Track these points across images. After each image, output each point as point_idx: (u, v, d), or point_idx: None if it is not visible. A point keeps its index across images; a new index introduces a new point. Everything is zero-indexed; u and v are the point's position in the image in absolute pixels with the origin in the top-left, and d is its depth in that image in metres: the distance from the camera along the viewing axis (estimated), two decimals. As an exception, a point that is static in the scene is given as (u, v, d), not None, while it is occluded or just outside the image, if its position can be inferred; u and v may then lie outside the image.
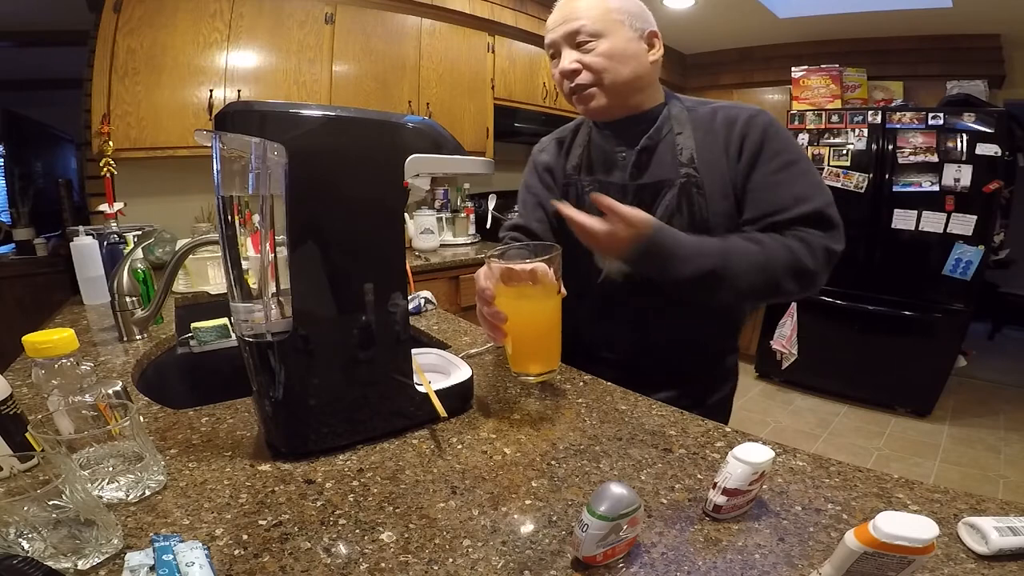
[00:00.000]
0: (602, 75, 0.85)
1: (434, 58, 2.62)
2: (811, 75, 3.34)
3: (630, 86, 0.87)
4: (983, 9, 2.65)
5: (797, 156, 0.84)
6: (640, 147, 0.89)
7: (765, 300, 0.85)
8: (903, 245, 2.77)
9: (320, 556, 0.45)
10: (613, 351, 0.96)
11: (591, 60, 0.85)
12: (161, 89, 1.85)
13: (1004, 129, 2.53)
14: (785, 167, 0.83)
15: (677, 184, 0.86)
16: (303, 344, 0.58)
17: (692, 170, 0.85)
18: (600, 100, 0.87)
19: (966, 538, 0.46)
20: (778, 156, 0.83)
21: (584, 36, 0.84)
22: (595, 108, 0.88)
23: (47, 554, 0.41)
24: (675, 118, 0.89)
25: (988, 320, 4.31)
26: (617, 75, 0.85)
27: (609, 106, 0.88)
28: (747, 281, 0.78)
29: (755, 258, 0.78)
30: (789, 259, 0.78)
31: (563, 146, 1.02)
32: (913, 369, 2.81)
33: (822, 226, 0.81)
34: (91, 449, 0.52)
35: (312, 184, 0.55)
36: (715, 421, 0.70)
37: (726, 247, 0.79)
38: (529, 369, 0.77)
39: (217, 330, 1.14)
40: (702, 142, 0.87)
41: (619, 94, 0.87)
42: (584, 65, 0.85)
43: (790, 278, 0.78)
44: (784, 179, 0.82)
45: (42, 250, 2.23)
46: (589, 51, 0.85)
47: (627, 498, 0.41)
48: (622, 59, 0.85)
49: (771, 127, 0.85)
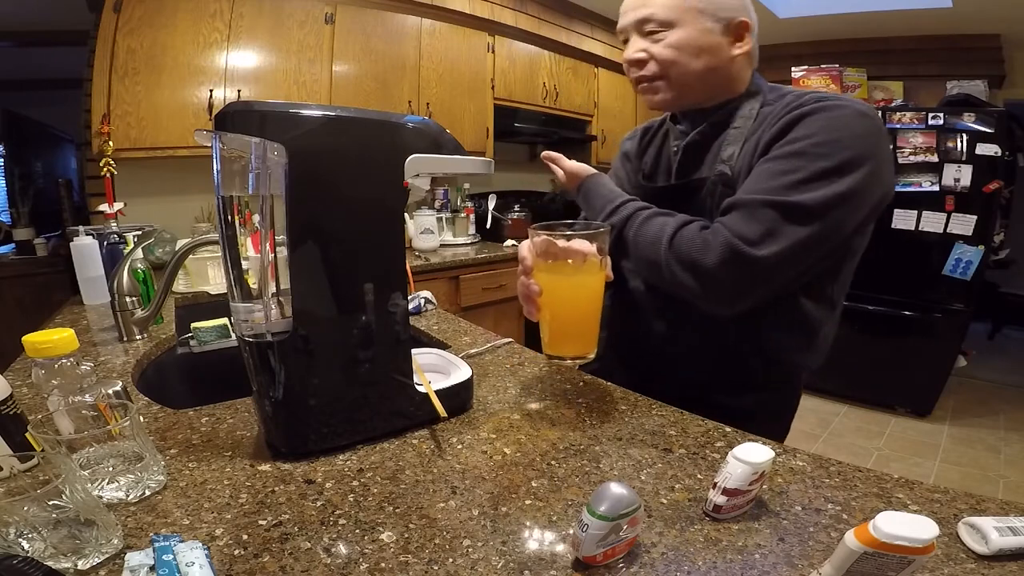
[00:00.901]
0: (669, 68, 0.78)
1: (434, 58, 2.62)
2: (811, 75, 3.34)
3: (703, 80, 0.79)
4: (983, 9, 2.66)
5: (816, 152, 0.66)
6: (687, 143, 0.84)
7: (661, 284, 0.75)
8: (903, 245, 2.77)
9: (320, 556, 0.45)
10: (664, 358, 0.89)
11: (658, 51, 0.78)
12: (161, 89, 1.86)
13: (1004, 129, 2.53)
14: (788, 156, 0.68)
15: (707, 184, 0.80)
16: (303, 344, 0.58)
17: (727, 168, 0.77)
18: (665, 94, 0.81)
19: (966, 538, 0.46)
20: (791, 143, 0.69)
21: (653, 25, 0.77)
22: (659, 101, 0.82)
23: (47, 554, 0.41)
24: (742, 113, 0.80)
25: (988, 320, 4.31)
26: (686, 68, 0.78)
27: (675, 100, 0.82)
28: (640, 253, 0.75)
29: (652, 232, 0.74)
30: (685, 245, 0.70)
31: (647, 136, 0.98)
32: (913, 369, 2.81)
33: (749, 221, 0.66)
34: (91, 449, 0.52)
35: (312, 184, 0.55)
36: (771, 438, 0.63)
37: (639, 214, 0.77)
38: (561, 351, 0.74)
39: (217, 330, 1.14)
40: (751, 137, 0.77)
41: (688, 88, 0.80)
42: (651, 55, 0.79)
43: (681, 267, 0.70)
44: (772, 168, 0.69)
45: (42, 250, 2.23)
46: (658, 41, 0.78)
47: (627, 498, 0.41)
48: (695, 51, 0.77)
49: (819, 113, 0.69)
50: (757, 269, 0.66)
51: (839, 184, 0.65)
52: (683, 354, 0.86)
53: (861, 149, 0.66)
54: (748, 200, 0.68)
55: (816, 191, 0.65)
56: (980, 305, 2.88)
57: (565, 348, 0.74)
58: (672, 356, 0.87)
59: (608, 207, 0.81)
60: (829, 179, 0.65)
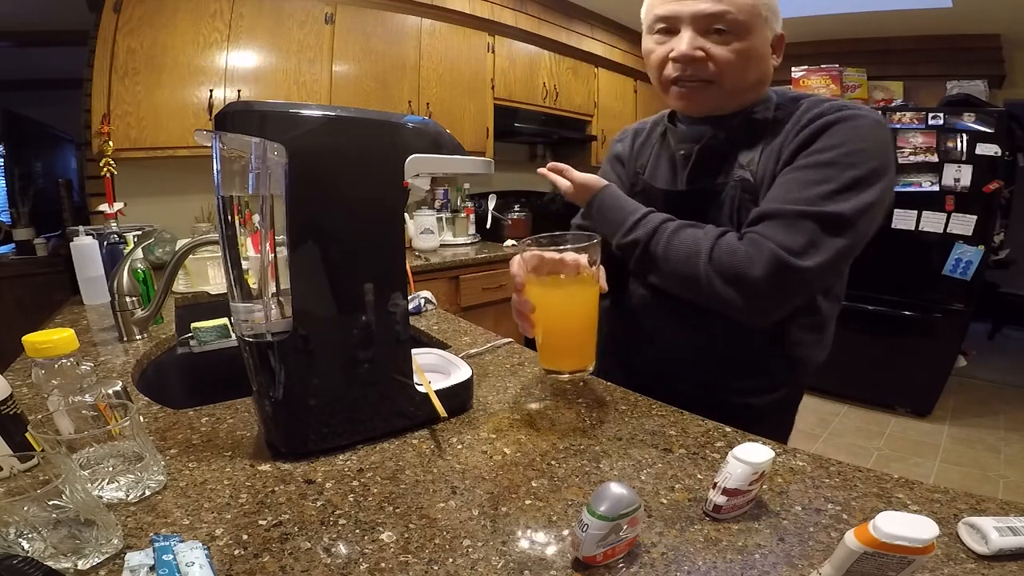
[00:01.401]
0: (727, 74, 0.72)
1: (434, 58, 2.62)
2: (811, 75, 3.34)
3: (748, 90, 0.76)
4: (983, 9, 2.66)
5: (845, 161, 0.66)
6: (702, 146, 0.79)
7: (696, 297, 0.71)
8: (903, 245, 2.77)
9: (320, 556, 0.45)
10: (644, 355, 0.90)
11: (722, 54, 0.70)
12: (161, 89, 1.86)
13: (1004, 129, 2.53)
14: (818, 166, 0.67)
15: (728, 188, 0.76)
16: (303, 344, 0.58)
17: (748, 173, 0.75)
18: (711, 100, 0.75)
19: (966, 538, 0.46)
20: (819, 153, 0.68)
21: (724, 24, 0.69)
22: (698, 105, 0.76)
23: (47, 554, 0.41)
24: (757, 118, 0.77)
25: (988, 320, 4.30)
26: (743, 79, 0.73)
27: (717, 106, 0.76)
28: (673, 267, 0.71)
29: (686, 246, 0.70)
30: (726, 257, 0.67)
31: (639, 139, 0.94)
32: (913, 369, 2.81)
33: (791, 232, 0.65)
34: (91, 449, 0.52)
35: (312, 184, 0.55)
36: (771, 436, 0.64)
37: (665, 226, 0.72)
38: (556, 364, 0.73)
39: (217, 330, 1.14)
40: (772, 142, 0.74)
41: (734, 96, 0.75)
42: (709, 55, 0.71)
43: (722, 279, 0.68)
44: (802, 177, 0.68)
45: (42, 250, 2.23)
46: (724, 43, 0.70)
47: (627, 498, 0.41)
48: (755, 62, 0.72)
49: (843, 123, 0.68)
50: (802, 279, 0.66)
51: (869, 193, 0.66)
52: (687, 359, 0.84)
53: (883, 159, 0.68)
54: (786, 211, 0.66)
55: (849, 200, 0.65)
56: (980, 305, 2.88)
57: (563, 363, 0.73)
58: (677, 360, 0.85)
59: (629, 220, 0.75)
60: (860, 188, 0.66)
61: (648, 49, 0.78)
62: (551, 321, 0.70)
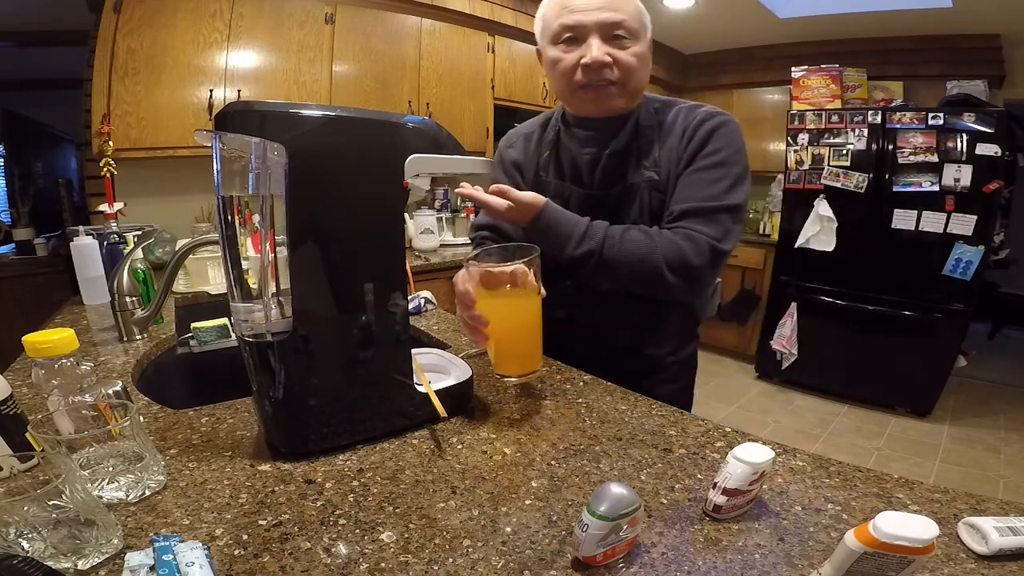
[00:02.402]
0: (630, 76, 0.82)
1: (434, 58, 2.62)
2: (811, 75, 3.33)
3: (640, 92, 0.87)
4: (983, 9, 2.66)
5: (730, 160, 0.82)
6: (610, 151, 0.87)
7: (649, 291, 0.82)
8: (903, 245, 2.77)
9: (320, 556, 0.45)
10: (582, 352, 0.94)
11: (625, 58, 0.80)
12: (161, 89, 1.85)
13: (1004, 129, 2.53)
14: (713, 167, 0.82)
15: (640, 188, 0.86)
16: (303, 344, 0.58)
17: (654, 173, 0.85)
18: (618, 101, 0.84)
19: (966, 538, 0.46)
20: (711, 155, 0.82)
21: (623, 31, 0.80)
22: (608, 107, 0.85)
23: (47, 554, 0.41)
24: (644, 122, 0.87)
25: (988, 320, 4.30)
26: (640, 80, 0.84)
27: (622, 107, 0.85)
28: (628, 268, 0.78)
29: (638, 247, 0.78)
30: (673, 252, 0.78)
31: (531, 143, 0.98)
32: (913, 369, 2.81)
33: (713, 224, 0.79)
34: (91, 449, 0.52)
35: (312, 184, 0.55)
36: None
37: (611, 233, 0.79)
38: (511, 370, 0.76)
39: (217, 330, 1.14)
40: (665, 144, 0.86)
41: (634, 97, 0.86)
42: (615, 60, 0.80)
43: (671, 271, 0.78)
44: (705, 177, 0.82)
45: (42, 250, 2.23)
46: (624, 48, 0.80)
47: (627, 498, 0.41)
48: (647, 64, 0.84)
49: (721, 128, 0.83)
50: (724, 260, 0.82)
51: (747, 183, 0.84)
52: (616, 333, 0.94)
53: (745, 154, 0.86)
54: (705, 208, 0.80)
55: (740, 192, 0.82)
56: (980, 305, 2.88)
57: (514, 367, 0.76)
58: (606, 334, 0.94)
59: (576, 232, 0.79)
60: (742, 181, 0.83)
61: (554, 58, 0.85)
62: (504, 331, 0.74)
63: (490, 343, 0.74)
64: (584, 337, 0.93)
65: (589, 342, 0.94)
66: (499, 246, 0.81)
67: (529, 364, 0.77)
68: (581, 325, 0.93)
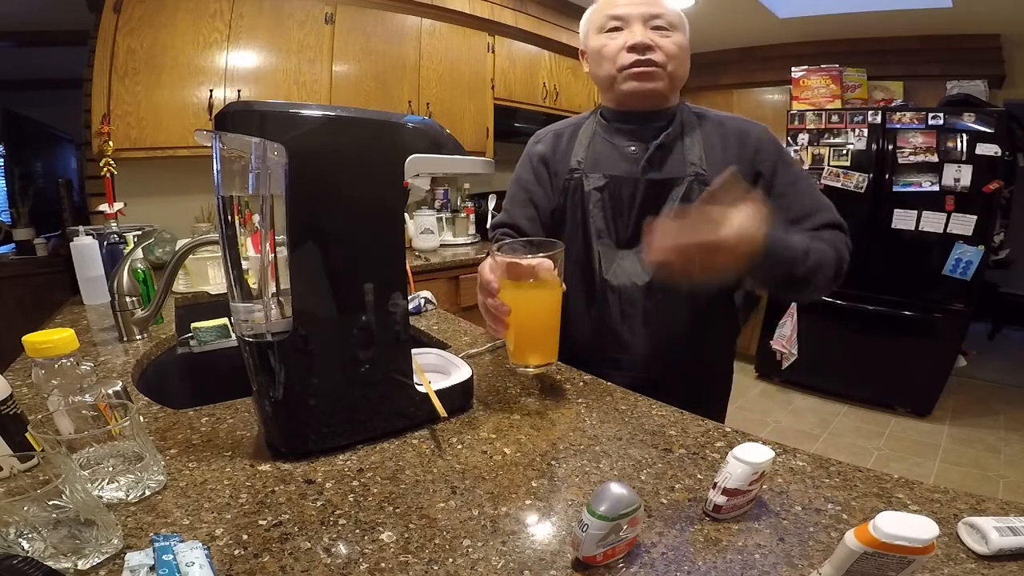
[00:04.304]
0: (672, 63, 0.88)
1: (434, 58, 2.62)
2: (811, 75, 3.33)
3: (679, 84, 0.92)
4: (983, 9, 2.65)
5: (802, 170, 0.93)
6: (658, 143, 0.90)
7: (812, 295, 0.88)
8: (903, 245, 2.77)
9: (320, 556, 0.45)
10: (629, 354, 0.93)
11: (667, 45, 0.87)
12: (161, 89, 1.85)
13: (1004, 129, 2.53)
14: (798, 179, 0.90)
15: (686, 181, 0.88)
16: (303, 344, 0.58)
17: (701, 169, 0.89)
18: (659, 83, 0.89)
19: (966, 538, 0.46)
20: (791, 169, 0.90)
21: (663, 22, 0.87)
22: (651, 89, 0.89)
23: (47, 554, 0.41)
24: (686, 121, 0.93)
25: (988, 320, 4.30)
26: (680, 69, 0.90)
27: (664, 93, 0.90)
28: (823, 277, 0.82)
29: (831, 260, 0.83)
30: (836, 258, 0.84)
31: (562, 140, 1.00)
32: (913, 369, 2.81)
33: (842, 229, 0.88)
34: (91, 449, 0.52)
35: (312, 184, 0.55)
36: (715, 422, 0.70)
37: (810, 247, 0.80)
38: (529, 361, 0.79)
39: (217, 330, 1.14)
40: (709, 145, 0.91)
41: (673, 87, 0.91)
42: (658, 46, 0.87)
43: (834, 275, 0.84)
44: (801, 189, 0.89)
45: (42, 250, 2.23)
46: (665, 37, 0.87)
47: (627, 498, 0.41)
48: (686, 57, 0.90)
49: (779, 144, 0.92)
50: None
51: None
52: (670, 339, 0.94)
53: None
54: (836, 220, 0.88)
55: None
56: (980, 305, 2.88)
57: (532, 358, 0.79)
58: (661, 340, 0.93)
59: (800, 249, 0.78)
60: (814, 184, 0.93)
61: (600, 45, 0.91)
62: (524, 321, 0.75)
63: (509, 333, 0.76)
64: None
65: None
66: (524, 239, 0.84)
67: (547, 356, 0.79)
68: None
